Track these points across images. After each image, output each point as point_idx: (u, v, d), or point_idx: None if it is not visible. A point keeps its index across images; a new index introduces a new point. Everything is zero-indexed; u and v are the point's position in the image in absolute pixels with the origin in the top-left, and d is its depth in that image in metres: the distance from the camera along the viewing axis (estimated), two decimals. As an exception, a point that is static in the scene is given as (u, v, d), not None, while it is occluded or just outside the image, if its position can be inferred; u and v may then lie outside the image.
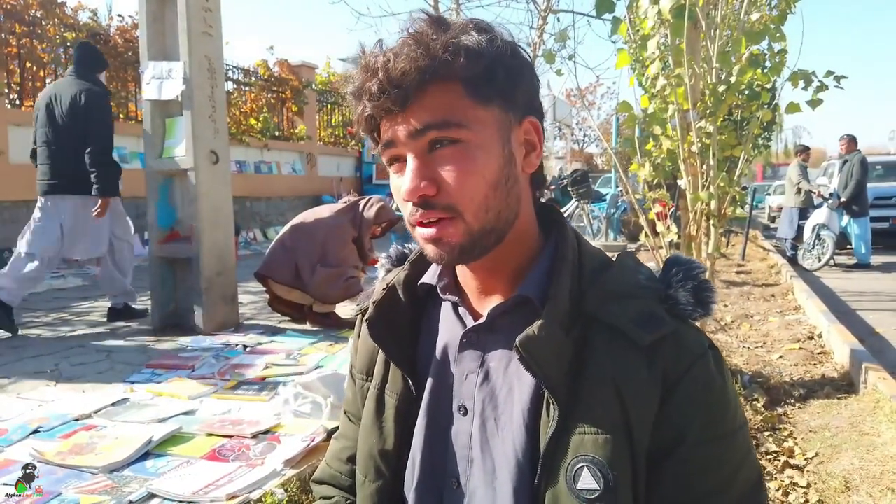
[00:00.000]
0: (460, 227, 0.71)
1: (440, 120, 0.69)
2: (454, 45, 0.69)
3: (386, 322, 0.84)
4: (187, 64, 4.20)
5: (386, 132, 0.73)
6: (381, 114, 0.72)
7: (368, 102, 0.71)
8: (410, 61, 0.68)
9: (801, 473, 2.58)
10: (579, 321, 0.73)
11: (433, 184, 0.71)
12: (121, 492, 2.06)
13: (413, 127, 0.70)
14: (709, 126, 3.21)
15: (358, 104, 0.73)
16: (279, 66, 13.07)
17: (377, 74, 0.69)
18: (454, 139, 0.70)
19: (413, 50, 0.68)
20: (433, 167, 0.71)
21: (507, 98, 0.74)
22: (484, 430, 0.77)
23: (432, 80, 0.69)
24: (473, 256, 0.74)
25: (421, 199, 0.71)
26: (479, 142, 0.71)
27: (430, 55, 0.68)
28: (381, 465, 0.85)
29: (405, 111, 0.70)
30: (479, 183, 0.71)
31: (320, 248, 4.25)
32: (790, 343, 4.49)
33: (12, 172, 7.51)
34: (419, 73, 0.68)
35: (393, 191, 0.77)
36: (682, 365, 0.70)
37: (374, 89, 0.69)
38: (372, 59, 0.71)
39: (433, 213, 0.71)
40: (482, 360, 0.79)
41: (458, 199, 0.71)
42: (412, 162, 0.71)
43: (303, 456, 2.31)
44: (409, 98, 0.69)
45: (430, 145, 0.71)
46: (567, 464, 0.69)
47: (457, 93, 0.70)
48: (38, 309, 5.18)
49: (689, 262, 0.77)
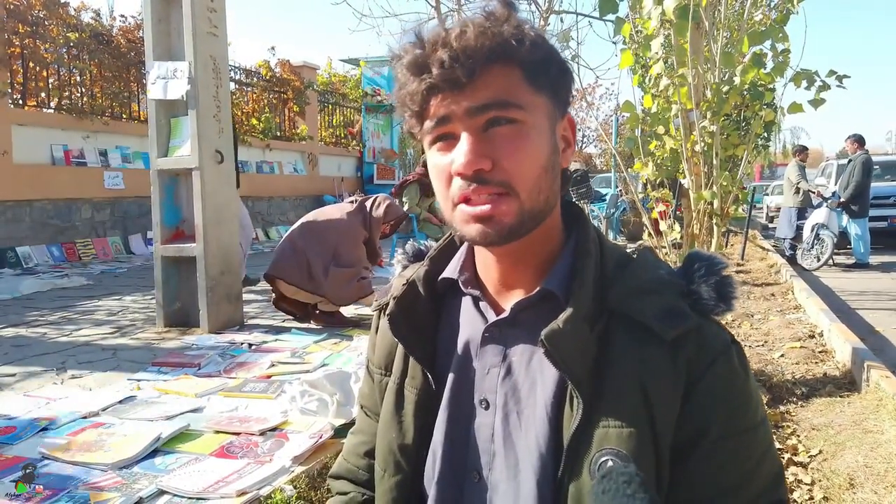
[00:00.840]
0: (514, 205, 0.72)
1: (502, 99, 0.71)
2: (520, 31, 0.71)
3: (406, 317, 0.85)
4: (192, 64, 4.22)
5: (439, 108, 0.72)
6: (444, 86, 0.71)
7: (436, 70, 0.70)
8: (484, 36, 0.70)
9: (806, 471, 2.59)
10: (603, 316, 0.74)
11: (489, 159, 0.71)
12: (130, 488, 2.08)
13: (474, 103, 0.71)
14: (711, 126, 3.23)
15: (414, 77, 0.73)
16: (281, 66, 13.10)
17: (449, 44, 0.70)
18: (512, 119, 0.72)
19: (486, 27, 0.70)
20: (488, 144, 0.72)
21: (556, 91, 0.76)
22: (507, 424, 0.77)
23: (497, 60, 0.71)
24: (515, 238, 0.74)
25: (476, 174, 0.71)
26: (533, 124, 0.73)
27: (501, 35, 0.70)
28: (401, 460, 0.85)
29: (466, 87, 0.70)
30: (533, 163, 0.73)
31: (332, 249, 4.26)
32: (791, 342, 4.50)
33: (16, 172, 7.53)
34: (489, 49, 0.70)
35: (435, 170, 0.76)
36: (705, 360, 0.71)
37: (446, 58, 0.69)
38: (442, 32, 0.72)
39: (488, 188, 0.71)
40: (504, 355, 0.80)
41: (513, 175, 0.71)
42: (467, 137, 0.71)
43: (311, 453, 2.33)
44: (475, 71, 0.70)
45: (486, 124, 0.72)
46: (591, 457, 0.69)
47: (516, 76, 0.72)
48: (42, 308, 5.20)
49: (711, 258, 0.78)
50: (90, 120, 8.52)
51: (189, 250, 4.39)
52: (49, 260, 7.81)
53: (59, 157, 8.17)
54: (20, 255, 7.50)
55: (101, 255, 8.50)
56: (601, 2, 3.35)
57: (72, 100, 8.76)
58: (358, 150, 15.28)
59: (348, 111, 15.65)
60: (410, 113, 0.76)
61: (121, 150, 9.05)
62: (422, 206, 7.31)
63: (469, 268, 0.86)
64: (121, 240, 8.93)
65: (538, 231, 0.77)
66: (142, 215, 9.04)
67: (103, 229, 8.75)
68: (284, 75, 13.06)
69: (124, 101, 9.51)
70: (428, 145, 0.77)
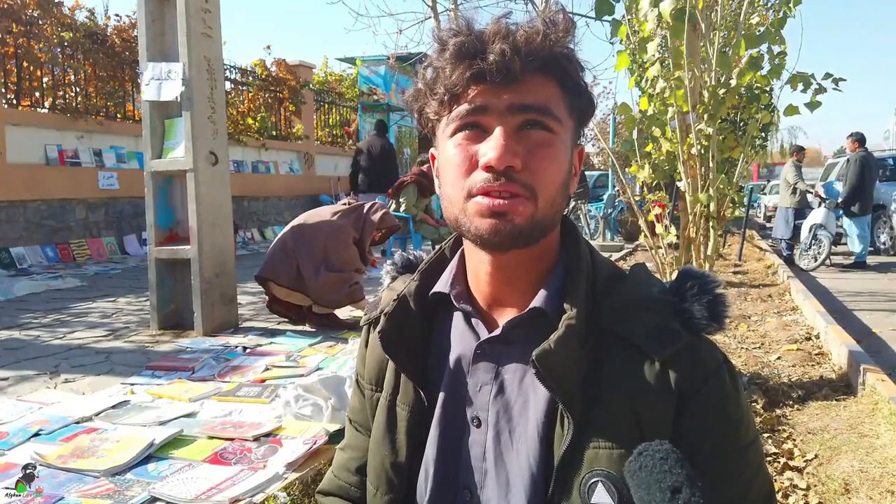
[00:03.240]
0: (530, 208, 0.72)
1: (544, 105, 0.72)
2: (572, 52, 0.73)
3: (397, 334, 0.84)
4: (187, 65, 4.19)
5: (478, 97, 0.72)
6: (495, 75, 0.70)
7: (493, 57, 0.70)
8: (546, 42, 0.71)
9: (801, 475, 2.59)
10: (594, 334, 0.74)
11: (519, 159, 0.71)
12: (123, 495, 2.06)
13: (518, 101, 0.71)
14: (708, 128, 3.22)
15: (461, 62, 0.72)
16: (276, 65, 13.06)
17: (512, 37, 0.70)
18: (548, 127, 0.72)
19: (548, 34, 0.71)
20: (521, 145, 0.72)
21: (581, 120, 0.78)
22: (498, 443, 0.77)
23: (547, 70, 0.72)
24: (520, 244, 0.74)
25: (506, 170, 0.70)
26: (563, 139, 0.74)
27: (558, 46, 0.72)
28: (394, 477, 0.84)
29: (512, 84, 0.71)
30: (557, 174, 0.74)
31: (322, 250, 4.25)
32: (788, 344, 4.50)
33: (10, 172, 7.49)
34: (545, 57, 0.71)
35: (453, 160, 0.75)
36: (697, 379, 0.71)
37: (507, 48, 0.69)
38: (503, 26, 0.72)
39: (513, 186, 0.71)
40: (496, 372, 0.79)
41: (538, 181, 0.72)
42: (502, 132, 0.71)
43: (305, 459, 2.31)
44: (528, 71, 0.70)
45: (521, 125, 0.72)
46: (581, 478, 0.69)
47: (556, 90, 0.73)
48: (36, 310, 5.17)
49: (704, 276, 0.77)
50: (84, 120, 8.48)
51: (183, 252, 4.37)
52: (43, 261, 7.77)
53: (54, 157, 8.13)
54: (14, 255, 7.46)
55: (96, 256, 8.46)
56: (597, 3, 3.35)
57: (66, 99, 8.72)
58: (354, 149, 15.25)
59: (345, 110, 15.62)
60: (438, 96, 0.74)
61: (115, 151, 9.01)
62: (418, 207, 7.30)
63: (461, 282, 0.85)
64: (115, 240, 8.89)
65: (538, 246, 0.76)
66: (136, 216, 9.01)
67: (98, 230, 8.71)
68: (280, 74, 13.02)
69: (119, 100, 9.47)
70: (449, 133, 0.75)
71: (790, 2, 3.17)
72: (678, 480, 0.55)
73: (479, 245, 0.76)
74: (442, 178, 0.79)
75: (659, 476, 0.56)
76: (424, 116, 0.79)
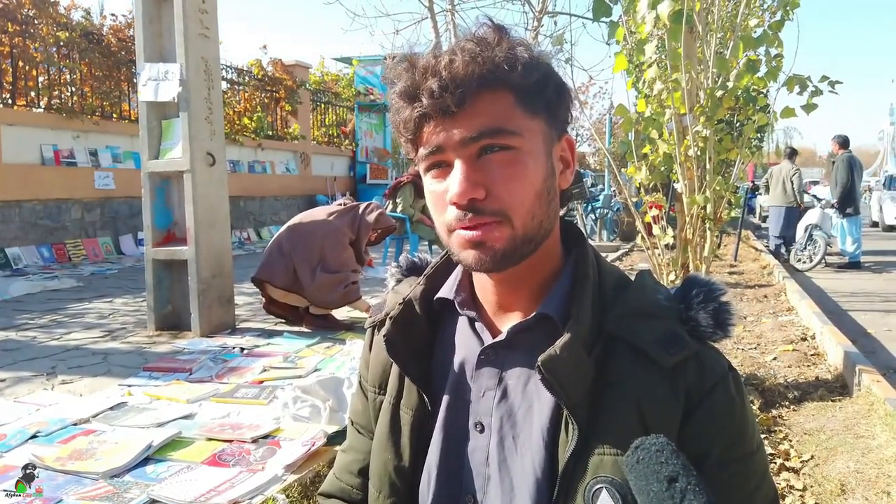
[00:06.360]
0: (506, 231, 0.72)
1: (494, 127, 0.70)
2: (512, 56, 0.71)
3: (402, 338, 0.84)
4: (184, 66, 4.18)
5: (432, 137, 0.72)
6: (436, 114, 0.70)
7: (426, 100, 0.70)
8: (474, 63, 0.69)
9: (798, 476, 2.60)
10: (601, 340, 0.74)
11: (482, 188, 0.71)
12: (122, 497, 2.06)
13: (466, 133, 0.70)
14: (705, 130, 3.23)
15: (406, 105, 0.73)
16: (273, 65, 13.05)
17: (439, 73, 0.69)
18: (505, 145, 0.71)
19: (476, 53, 0.69)
20: (482, 172, 0.71)
21: (552, 113, 0.76)
22: (502, 448, 0.77)
23: (489, 86, 0.70)
24: (511, 263, 0.74)
25: (470, 203, 0.71)
26: (528, 149, 0.73)
27: (491, 61, 0.70)
28: (397, 481, 0.85)
29: (458, 116, 0.70)
30: (527, 189, 0.72)
31: (318, 251, 4.25)
32: (784, 344, 4.52)
33: (5, 172, 7.46)
34: (479, 77, 0.69)
35: (431, 197, 0.76)
36: (703, 387, 0.71)
37: (435, 87, 0.69)
38: (432, 59, 0.71)
39: (481, 218, 0.71)
40: (500, 378, 0.79)
41: (507, 203, 0.71)
42: (461, 166, 0.71)
43: (303, 461, 2.32)
44: (465, 100, 0.69)
45: (479, 151, 0.71)
46: (586, 484, 0.69)
47: (508, 101, 0.71)
48: (32, 311, 5.16)
49: (710, 284, 0.77)
50: (80, 119, 8.46)
51: (180, 253, 4.36)
52: (39, 261, 7.74)
53: (49, 156, 8.10)
54: (9, 256, 7.44)
55: (92, 256, 8.44)
56: (595, 5, 3.35)
57: (62, 99, 8.70)
58: (351, 149, 15.24)
59: (341, 110, 15.61)
60: (405, 139, 0.76)
61: (111, 150, 8.99)
62: (415, 208, 7.30)
63: (466, 288, 0.85)
64: (111, 240, 8.87)
65: (536, 254, 0.76)
66: (132, 216, 8.99)
67: (93, 230, 8.69)
68: (276, 74, 13.01)
69: (115, 100, 9.45)
70: (423, 171, 0.76)
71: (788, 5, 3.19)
72: (674, 470, 0.57)
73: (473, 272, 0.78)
74: (430, 211, 0.80)
75: (656, 467, 0.57)
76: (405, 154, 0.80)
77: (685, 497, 0.55)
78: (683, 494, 0.55)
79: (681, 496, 0.55)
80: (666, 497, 0.56)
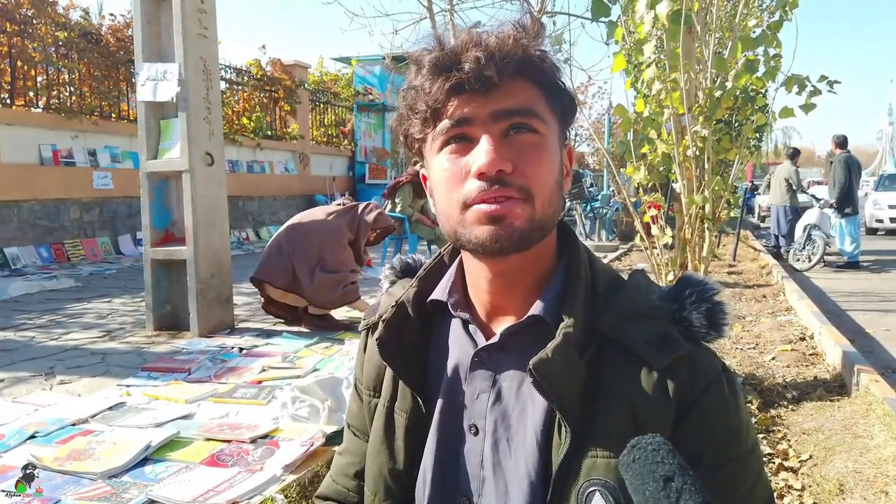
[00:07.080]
0: (527, 210, 0.71)
1: (527, 108, 0.72)
2: (545, 53, 0.73)
3: (396, 341, 0.83)
4: (182, 66, 4.18)
5: (459, 109, 0.72)
6: (473, 84, 0.70)
7: (468, 66, 0.70)
8: (518, 45, 0.71)
9: (796, 476, 2.60)
10: (593, 341, 0.74)
11: (510, 162, 0.71)
12: (120, 498, 2.06)
13: (500, 107, 0.71)
14: (704, 130, 3.23)
15: (436, 77, 0.72)
16: (272, 65, 13.04)
17: (484, 44, 0.70)
18: (534, 129, 0.72)
19: (519, 38, 0.71)
20: (509, 149, 0.71)
21: (564, 119, 0.78)
22: (496, 451, 0.77)
23: (524, 73, 0.72)
24: (524, 246, 0.73)
25: (498, 175, 0.70)
26: (551, 140, 0.75)
27: (530, 49, 0.72)
28: (392, 484, 0.85)
29: (492, 91, 0.71)
30: (550, 174, 0.74)
31: (317, 251, 4.25)
32: (782, 344, 4.53)
33: (3, 172, 7.46)
34: (521, 60, 0.71)
35: (444, 174, 0.75)
36: (696, 388, 0.71)
37: (481, 55, 0.69)
38: (475, 33, 0.72)
39: (508, 190, 0.71)
40: (494, 380, 0.79)
41: (532, 181, 0.72)
42: (488, 140, 0.71)
43: (302, 461, 2.31)
44: (504, 76, 0.70)
45: (506, 130, 0.72)
46: (579, 487, 0.69)
47: (535, 93, 0.74)
48: (31, 311, 5.15)
49: (703, 283, 0.77)
50: (79, 119, 8.45)
51: (179, 253, 4.36)
52: (37, 261, 7.74)
53: (48, 156, 8.10)
54: (8, 256, 7.43)
55: (90, 256, 8.43)
56: (593, 5, 3.35)
57: (60, 99, 8.69)
58: (350, 149, 15.24)
59: (340, 110, 15.60)
60: (420, 114, 0.74)
61: (110, 150, 8.98)
62: (414, 208, 7.30)
63: (459, 290, 0.84)
64: (110, 240, 8.86)
65: (534, 250, 0.76)
66: (131, 215, 8.99)
67: (92, 230, 8.68)
68: (275, 74, 13.00)
69: (113, 100, 9.45)
70: (437, 149, 0.75)
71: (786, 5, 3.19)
72: (670, 470, 0.56)
73: (480, 253, 0.75)
74: (436, 194, 0.78)
75: (652, 467, 0.57)
76: (410, 138, 0.79)
77: (681, 497, 0.55)
78: (679, 494, 0.55)
79: (676, 496, 0.55)
80: (661, 497, 0.55)
